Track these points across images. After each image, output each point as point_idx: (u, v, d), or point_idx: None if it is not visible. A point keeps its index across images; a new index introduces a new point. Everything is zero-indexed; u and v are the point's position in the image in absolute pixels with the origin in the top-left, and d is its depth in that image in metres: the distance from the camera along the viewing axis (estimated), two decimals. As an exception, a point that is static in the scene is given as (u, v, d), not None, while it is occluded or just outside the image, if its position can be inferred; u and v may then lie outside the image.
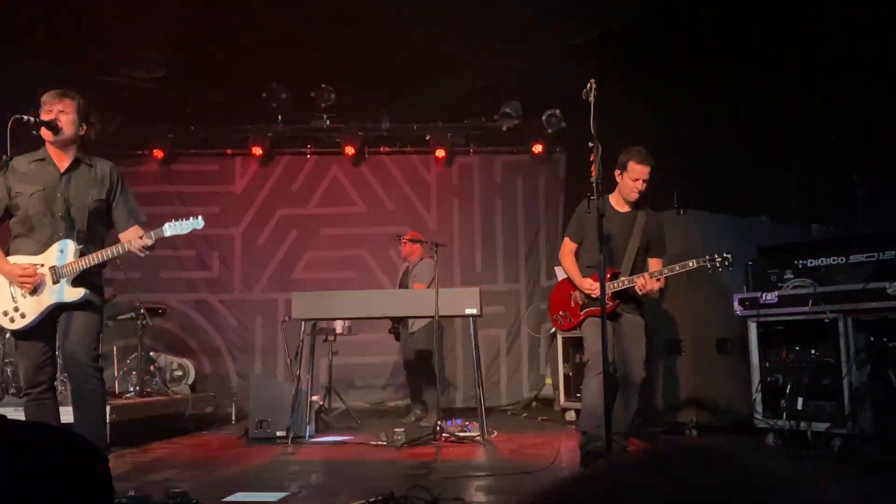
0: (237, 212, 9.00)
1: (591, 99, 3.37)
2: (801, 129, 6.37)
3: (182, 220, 3.63)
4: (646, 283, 4.21)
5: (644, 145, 4.35)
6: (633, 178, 4.30)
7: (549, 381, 8.48)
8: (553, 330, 5.03)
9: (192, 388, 7.39)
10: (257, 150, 8.76)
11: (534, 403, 8.53)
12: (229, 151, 9.02)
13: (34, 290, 3.50)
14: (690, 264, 4.24)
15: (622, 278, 4.31)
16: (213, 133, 8.83)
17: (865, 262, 4.85)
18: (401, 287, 7.16)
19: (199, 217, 3.61)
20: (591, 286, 4.37)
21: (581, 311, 4.50)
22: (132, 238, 3.64)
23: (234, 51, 7.17)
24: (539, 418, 7.38)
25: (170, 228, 3.62)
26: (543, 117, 8.38)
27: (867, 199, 6.07)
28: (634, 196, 4.35)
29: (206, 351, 8.69)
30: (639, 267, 4.45)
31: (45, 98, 3.58)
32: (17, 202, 3.58)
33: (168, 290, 8.69)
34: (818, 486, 0.68)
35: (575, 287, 4.52)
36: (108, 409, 3.83)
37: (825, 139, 6.27)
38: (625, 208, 4.49)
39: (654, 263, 4.47)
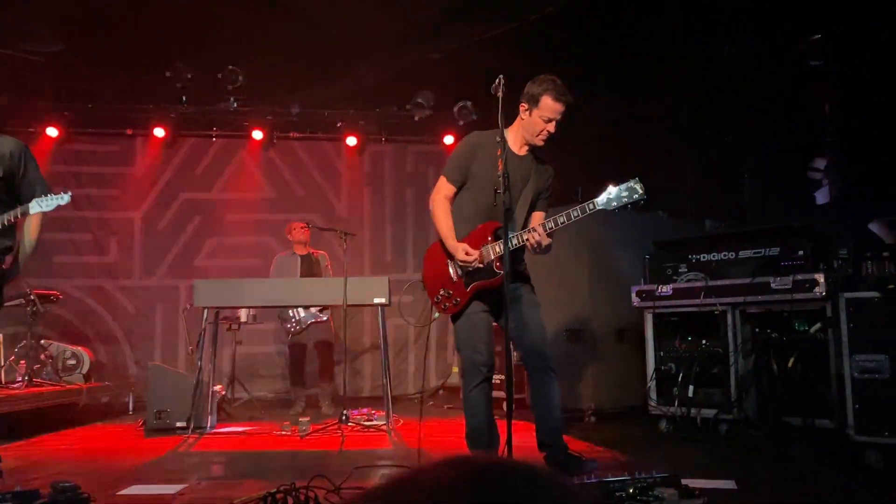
0: (137, 195, 8.65)
1: (500, 94, 3.40)
2: (698, 129, 6.69)
3: (48, 196, 3.47)
4: (541, 239, 3.45)
5: (549, 140, 4.22)
6: (544, 117, 3.53)
7: (455, 369, 8.59)
8: (436, 315, 3.74)
9: (87, 377, 7.08)
10: (160, 131, 8.46)
11: (441, 391, 8.62)
12: (130, 132, 8.64)
13: None
14: (590, 206, 3.48)
15: (513, 235, 3.45)
16: (113, 112, 8.43)
17: (753, 257, 5.13)
18: (305, 276, 6.99)
19: (67, 193, 3.45)
20: (466, 255, 3.50)
21: (467, 286, 3.57)
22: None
23: (136, 27, 6.86)
24: (445, 406, 7.47)
25: (35, 205, 3.45)
26: (455, 109, 8.45)
27: (756, 197, 6.44)
28: (541, 141, 3.58)
29: (102, 339, 8.34)
30: (526, 225, 3.70)
31: None
32: None
33: (62, 275, 8.27)
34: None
35: (444, 253, 3.64)
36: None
37: (720, 139, 6.60)
38: (522, 150, 3.70)
39: (537, 218, 3.74)
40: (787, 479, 3.85)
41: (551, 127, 3.51)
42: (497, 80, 3.41)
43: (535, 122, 3.56)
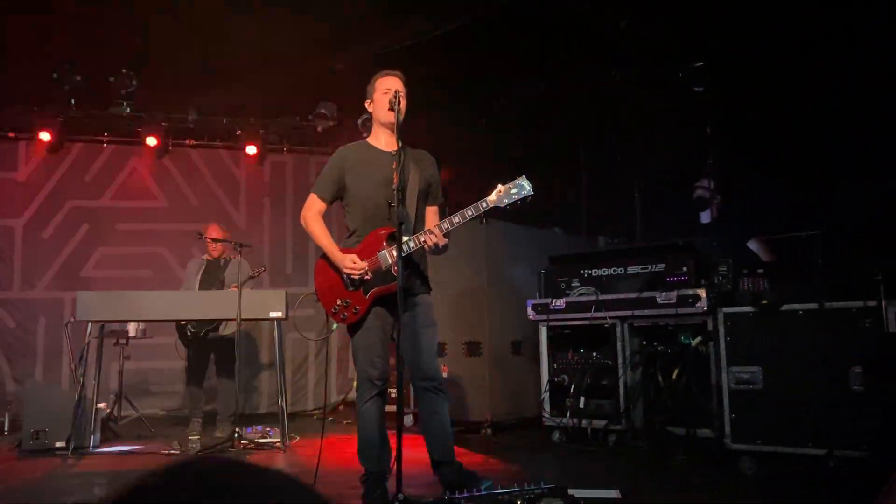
0: (19, 202, 8.16)
1: (396, 109, 3.43)
2: (591, 148, 6.93)
3: None
4: (438, 240, 3.43)
5: (447, 154, 4.29)
6: (381, 90, 3.59)
7: (356, 383, 8.50)
8: (335, 327, 3.68)
9: (-43, 395, 6.61)
10: (45, 135, 8.01)
11: (341, 407, 8.52)
12: (12, 134, 8.16)
13: None
14: (483, 205, 3.45)
15: (406, 238, 3.40)
16: (-7, 113, 7.95)
17: (641, 272, 5.34)
18: (205, 286, 6.60)
19: None
20: (353, 265, 3.47)
21: (366, 293, 3.52)
22: None
23: (20, 24, 6.49)
24: (345, 421, 7.38)
25: None
26: (359, 121, 8.40)
27: (644, 215, 6.72)
28: (391, 115, 3.44)
29: (-24, 354, 7.80)
30: (420, 220, 3.68)
31: None
32: None
33: (-69, 285, 7.71)
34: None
35: (333, 266, 3.58)
36: None
37: (612, 159, 6.86)
38: (391, 146, 3.59)
39: (430, 213, 3.75)
40: (668, 486, 4.02)
41: (391, 95, 3.45)
42: (394, 94, 3.44)
43: (378, 102, 3.61)
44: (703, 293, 4.81)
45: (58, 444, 5.40)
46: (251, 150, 8.60)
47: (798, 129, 5.59)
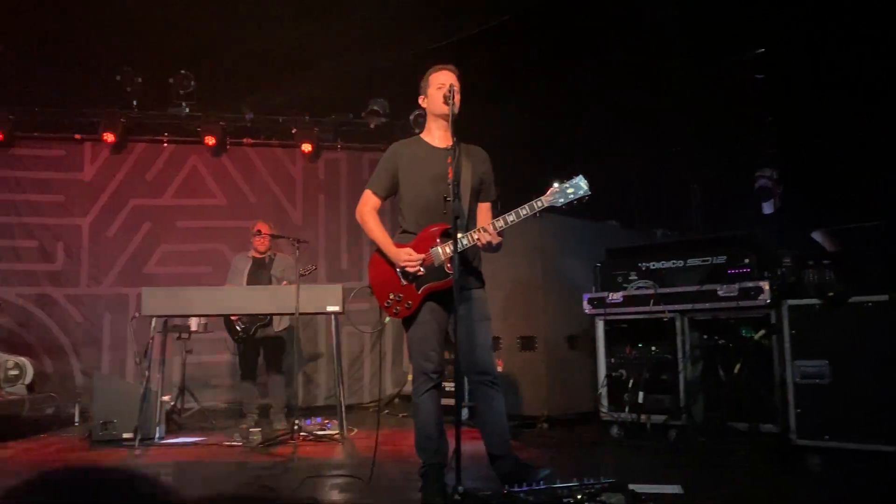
0: (85, 201, 8.44)
1: (451, 103, 3.43)
2: (648, 141, 6.81)
3: None
4: (492, 238, 3.43)
5: (503, 148, 4.23)
6: (436, 86, 3.59)
7: (411, 377, 8.55)
8: (387, 320, 3.68)
9: (31, 387, 6.87)
10: (109, 136, 8.25)
11: (396, 400, 8.58)
12: (78, 136, 8.44)
13: None
14: (537, 204, 3.42)
15: (459, 235, 3.33)
16: (60, 116, 8.22)
17: (701, 265, 5.24)
18: (253, 283, 6.69)
19: None
20: (409, 257, 3.51)
21: (419, 288, 3.54)
22: None
23: (84, 29, 6.71)
24: (400, 415, 7.44)
25: None
26: (411, 117, 8.44)
27: (704, 207, 6.58)
28: (446, 108, 3.44)
29: (47, 348, 8.10)
30: (473, 217, 3.67)
31: None
32: None
33: (4, 282, 8.04)
34: None
35: (387, 260, 3.61)
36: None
37: (668, 150, 6.73)
38: (444, 142, 3.63)
39: (483, 210, 3.74)
40: (731, 483, 3.93)
41: (446, 90, 3.45)
42: (448, 89, 3.44)
43: (433, 98, 3.61)
44: (765, 286, 4.69)
45: (125, 435, 5.57)
46: (306, 147, 8.72)
47: (864, 116, 5.39)
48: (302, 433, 5.53)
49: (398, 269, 3.56)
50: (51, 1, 6.25)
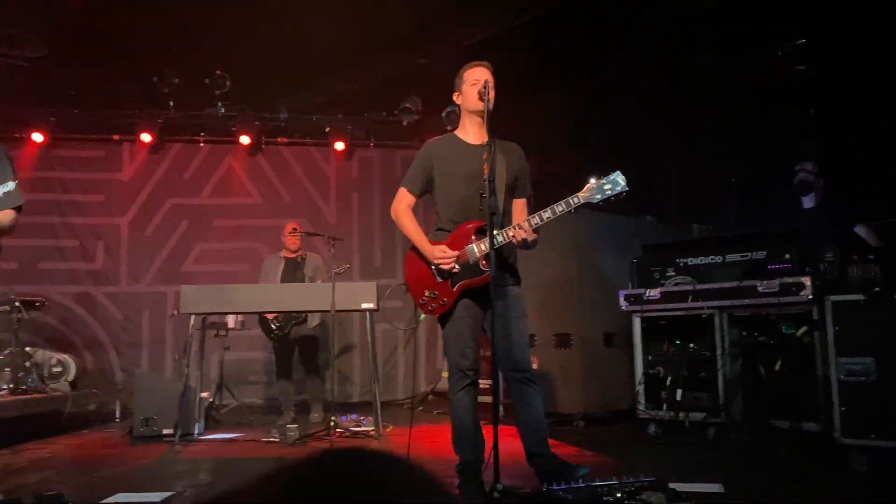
0: (124, 200, 8.60)
1: (486, 99, 3.42)
2: (684, 135, 6.71)
3: None
4: (527, 235, 3.40)
5: (538, 143, 4.21)
6: (470, 82, 3.58)
7: (445, 374, 8.55)
8: (422, 317, 3.71)
9: (73, 384, 7.02)
10: (146, 137, 8.40)
11: (430, 397, 8.60)
12: (116, 137, 8.60)
13: None
14: (574, 200, 3.38)
15: (495, 232, 3.33)
16: (99, 117, 8.38)
17: (740, 261, 5.16)
18: (287, 278, 6.80)
19: (11, 182, 3.16)
20: (443, 255, 3.48)
21: (453, 285, 3.52)
22: None
23: (122, 32, 6.82)
24: (435, 412, 7.45)
25: None
26: (444, 114, 8.44)
27: (741, 201, 6.47)
28: (480, 104, 3.45)
29: (88, 346, 8.28)
30: (508, 213, 3.64)
31: None
32: None
33: (47, 281, 8.22)
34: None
35: (422, 258, 3.59)
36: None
37: (705, 145, 6.63)
38: (479, 139, 3.63)
39: (519, 206, 3.71)
40: (774, 481, 3.86)
41: (480, 87, 3.45)
42: (483, 85, 3.43)
43: (467, 94, 3.60)
44: (807, 281, 4.61)
45: (165, 431, 5.66)
46: (339, 146, 8.78)
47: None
48: (338, 429, 5.57)
49: (433, 267, 3.56)
50: (90, 5, 6.35)
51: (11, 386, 6.16)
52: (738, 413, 4.97)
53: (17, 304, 6.35)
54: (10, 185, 3.00)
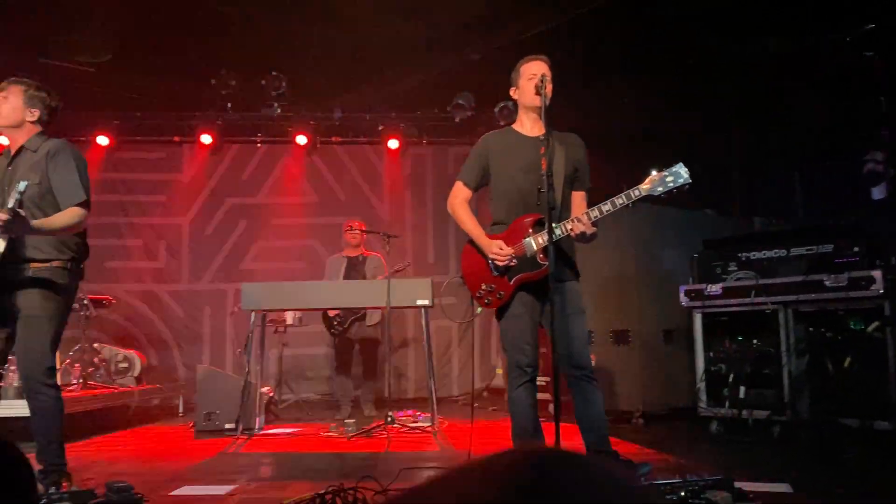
0: (185, 201, 8.84)
1: (543, 93, 3.38)
2: (744, 127, 6.54)
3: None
4: (586, 228, 3.33)
5: (592, 137, 4.11)
6: (527, 76, 3.54)
7: (499, 370, 8.55)
8: (479, 311, 3.69)
9: (138, 380, 7.24)
10: (206, 138, 8.62)
11: (485, 393, 8.59)
12: (177, 139, 8.83)
13: None
14: (635, 193, 3.31)
15: (554, 226, 3.27)
16: (160, 120, 8.63)
17: (805, 254, 5.00)
18: (348, 278, 6.96)
19: (23, 182, 3.12)
20: (499, 251, 3.46)
21: (511, 279, 3.50)
22: None
23: (182, 36, 7.00)
24: (490, 408, 7.44)
25: (10, 199, 3.10)
26: (496, 109, 8.41)
27: (806, 194, 6.27)
28: (537, 98, 3.41)
29: (152, 342, 8.53)
30: (567, 206, 3.57)
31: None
32: None
33: (113, 280, 8.49)
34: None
35: (479, 251, 3.57)
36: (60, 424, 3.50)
37: (766, 136, 6.45)
38: (535, 131, 3.59)
39: (577, 199, 3.64)
40: (844, 482, 3.73)
41: (537, 80, 3.40)
42: (540, 79, 3.39)
43: (524, 89, 3.56)
44: (878, 275, 4.44)
45: (227, 426, 5.78)
46: (392, 143, 8.83)
47: None
48: (394, 425, 5.61)
49: (489, 261, 3.54)
50: (152, 12, 6.52)
51: (81, 381, 6.38)
52: (805, 411, 4.82)
53: (85, 302, 6.57)
54: (22, 186, 3.07)
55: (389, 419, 5.58)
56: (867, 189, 5.89)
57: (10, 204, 3.06)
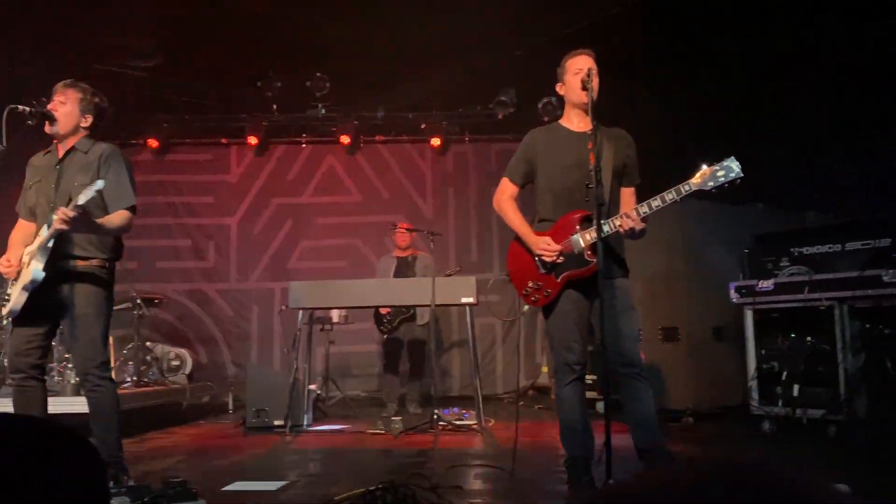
0: (232, 201, 8.99)
1: (589, 88, 3.34)
2: (796, 117, 6.37)
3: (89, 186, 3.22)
4: (635, 224, 3.27)
5: (640, 131, 4.04)
6: (573, 71, 3.47)
7: (545, 369, 8.51)
8: (527, 308, 3.65)
9: (190, 377, 7.39)
10: (252, 140, 8.75)
11: (530, 392, 8.55)
12: (224, 140, 9.00)
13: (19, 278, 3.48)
14: (685, 188, 3.22)
15: (602, 222, 3.20)
16: (208, 122, 8.79)
17: (861, 249, 4.87)
18: (398, 277, 7.03)
19: (100, 180, 3.26)
20: (546, 247, 3.42)
21: (557, 276, 3.44)
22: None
23: (228, 39, 7.12)
24: (536, 406, 7.40)
25: (83, 196, 3.19)
26: (539, 105, 8.36)
27: (861, 186, 6.09)
28: (584, 93, 3.37)
29: (202, 340, 8.70)
30: (615, 202, 3.49)
31: (55, 88, 3.58)
32: (27, 195, 3.60)
33: (164, 279, 8.69)
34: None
35: (526, 248, 3.55)
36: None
37: (820, 127, 6.27)
38: (583, 126, 3.49)
39: (626, 195, 3.55)
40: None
41: (584, 75, 3.35)
42: (587, 72, 3.35)
43: (571, 84, 3.48)
44: (939, 270, 4.29)
45: (276, 423, 5.87)
46: (435, 142, 8.85)
47: None
48: (441, 423, 5.62)
49: (536, 258, 3.51)
50: (199, 16, 6.64)
51: (135, 378, 6.54)
52: (862, 410, 4.69)
53: (138, 301, 6.73)
54: (100, 184, 3.19)
55: (435, 417, 5.59)
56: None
57: (81, 201, 3.16)
